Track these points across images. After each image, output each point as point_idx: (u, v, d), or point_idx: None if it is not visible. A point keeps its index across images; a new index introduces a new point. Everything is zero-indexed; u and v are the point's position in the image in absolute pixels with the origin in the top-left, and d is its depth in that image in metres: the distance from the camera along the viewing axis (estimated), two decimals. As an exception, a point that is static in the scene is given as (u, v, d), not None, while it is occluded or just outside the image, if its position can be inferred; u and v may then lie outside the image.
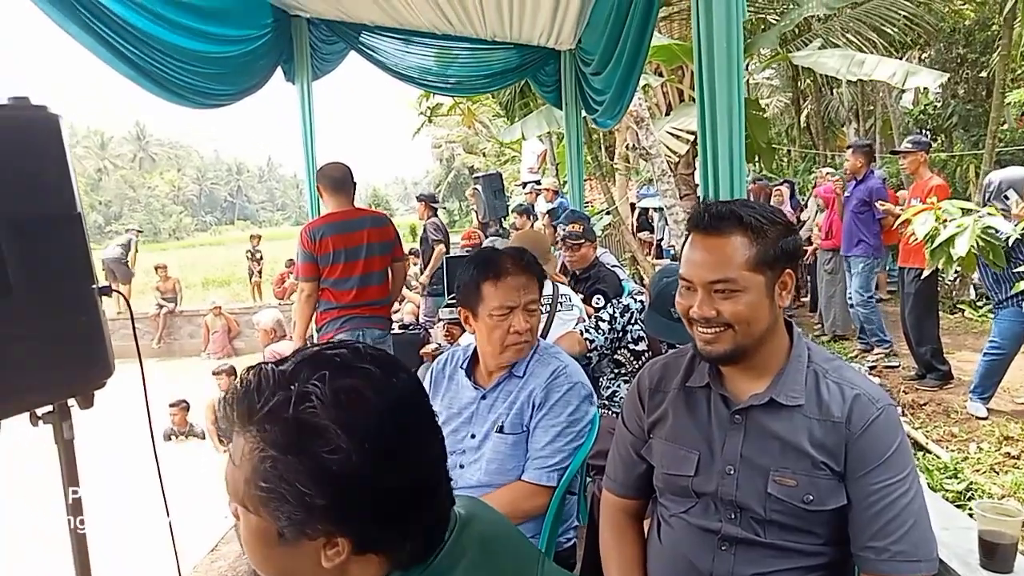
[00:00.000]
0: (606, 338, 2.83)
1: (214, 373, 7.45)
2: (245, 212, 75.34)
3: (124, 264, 13.61)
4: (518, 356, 1.95)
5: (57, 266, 1.82)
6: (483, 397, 1.99)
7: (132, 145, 65.90)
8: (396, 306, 7.56)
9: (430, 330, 4.87)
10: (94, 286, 1.91)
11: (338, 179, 3.81)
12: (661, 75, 8.69)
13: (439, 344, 4.56)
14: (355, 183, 3.84)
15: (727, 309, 1.33)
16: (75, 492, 2.00)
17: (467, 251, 6.20)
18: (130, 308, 2.20)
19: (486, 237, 7.48)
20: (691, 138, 7.82)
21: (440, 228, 7.96)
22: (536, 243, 3.48)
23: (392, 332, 4.23)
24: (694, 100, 7.57)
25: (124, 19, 3.31)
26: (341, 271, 3.73)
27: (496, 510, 1.06)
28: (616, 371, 2.93)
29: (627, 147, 8.63)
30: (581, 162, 6.08)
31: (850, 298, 6.59)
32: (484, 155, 28.63)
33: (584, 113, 5.81)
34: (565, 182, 10.69)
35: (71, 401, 1.96)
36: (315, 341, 4.06)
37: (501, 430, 1.91)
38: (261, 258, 14.32)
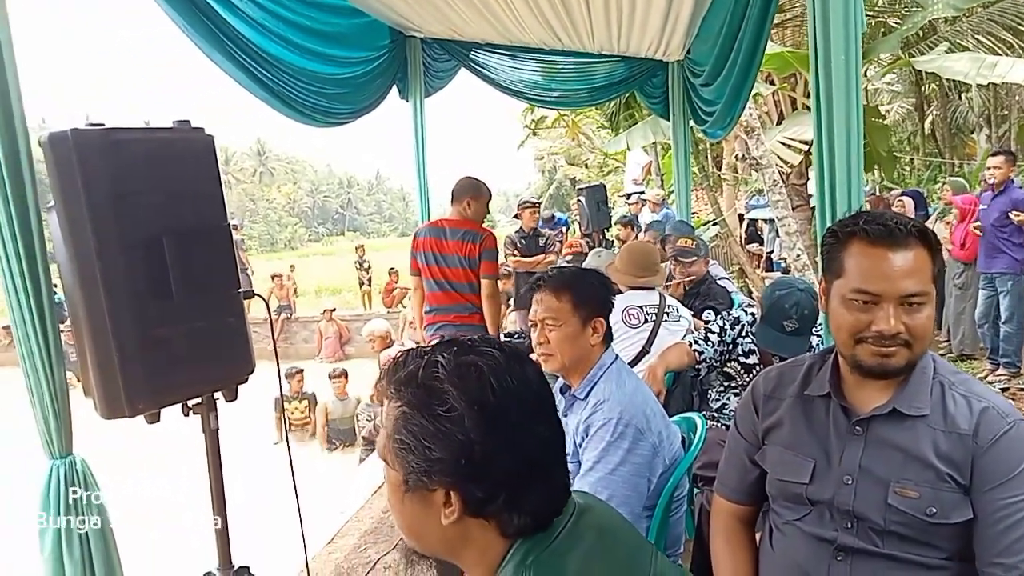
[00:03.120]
0: (715, 350, 2.81)
1: (331, 377, 7.77)
2: (355, 223, 78.41)
3: (246, 272, 14.51)
4: (549, 369, 1.97)
5: (209, 272, 2.01)
6: (564, 415, 1.99)
7: (253, 160, 70.10)
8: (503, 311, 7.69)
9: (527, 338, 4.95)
10: (239, 290, 2.10)
11: (453, 190, 4.02)
12: (772, 83, 8.47)
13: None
14: (469, 197, 3.95)
15: (914, 323, 1.30)
16: (219, 483, 2.19)
17: (568, 260, 6.24)
18: (269, 312, 2.39)
19: (588, 248, 7.50)
20: (804, 148, 7.58)
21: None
22: (644, 255, 3.49)
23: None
24: (807, 108, 7.35)
25: (259, 46, 3.59)
26: (431, 274, 3.98)
27: (610, 504, 1.13)
28: (726, 384, 2.90)
29: (736, 157, 8.45)
30: (688, 173, 6.02)
31: (981, 317, 6.17)
32: (586, 166, 28.57)
33: (692, 124, 5.76)
34: (670, 193, 10.57)
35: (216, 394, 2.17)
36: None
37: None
38: (369, 267, 14.91)
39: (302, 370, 8.42)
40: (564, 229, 12.33)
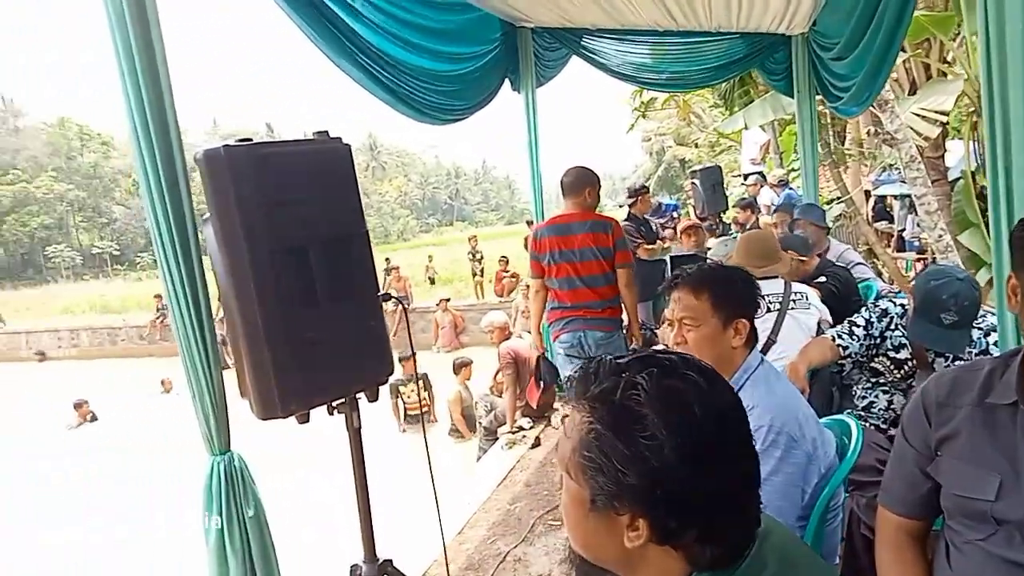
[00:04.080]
0: (861, 344, 2.64)
1: (461, 365, 7.83)
2: (463, 213, 79.78)
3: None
4: None
5: (350, 277, 2.08)
6: None
7: (366, 155, 72.58)
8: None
9: (656, 331, 4.85)
10: (379, 294, 2.15)
11: (565, 184, 3.93)
12: (903, 50, 7.86)
13: (667, 345, 4.52)
14: (589, 187, 3.88)
15: None
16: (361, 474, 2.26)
17: (692, 250, 6.03)
18: (405, 311, 2.45)
19: (706, 233, 7.24)
20: (942, 119, 7.00)
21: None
22: (762, 244, 3.32)
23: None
24: (943, 76, 6.76)
25: (380, 49, 3.66)
26: (559, 271, 3.86)
27: (788, 528, 1.07)
28: (873, 380, 2.72)
29: (868, 132, 7.91)
30: (815, 152, 5.70)
31: None
32: (696, 146, 27.75)
33: (823, 100, 5.44)
34: (790, 171, 10.06)
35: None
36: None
37: None
38: (481, 258, 15.12)
39: (414, 354, 8.60)
40: (674, 215, 12.02)
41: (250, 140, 1.93)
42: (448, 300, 14.10)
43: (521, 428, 5.40)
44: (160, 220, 2.05)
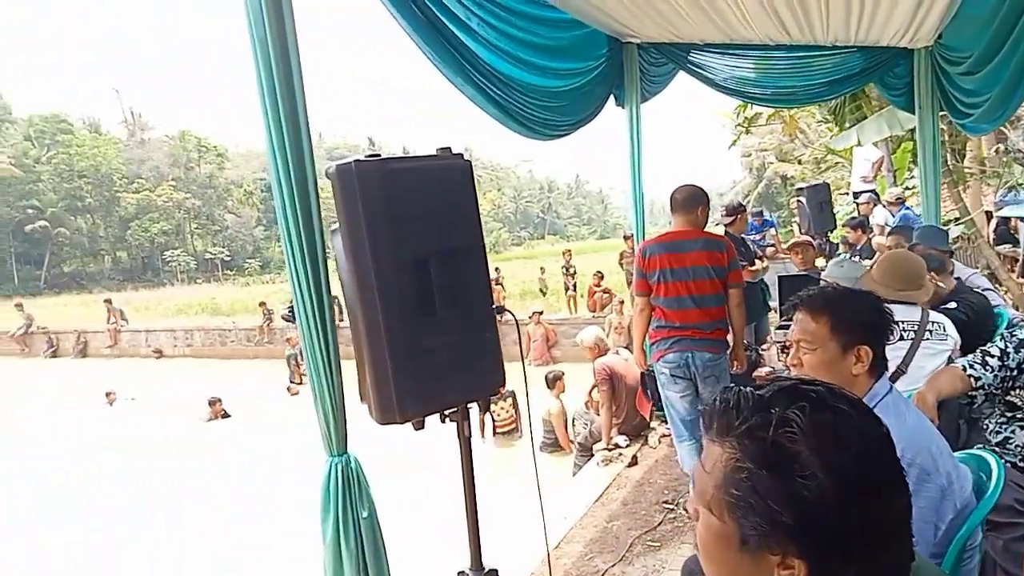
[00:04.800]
0: (996, 376, 2.47)
1: (555, 378, 7.83)
2: (554, 227, 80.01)
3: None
4: None
5: (467, 289, 2.12)
6: None
7: (461, 169, 74.09)
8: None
9: (762, 352, 4.71)
10: (493, 306, 2.19)
11: (678, 200, 3.86)
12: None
13: (773, 368, 4.39)
14: (702, 205, 3.83)
15: None
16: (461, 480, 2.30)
17: (802, 269, 5.81)
18: (516, 322, 2.48)
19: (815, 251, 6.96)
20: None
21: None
22: (909, 266, 3.10)
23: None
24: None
25: (492, 66, 3.75)
26: (668, 290, 3.77)
27: (934, 564, 1.02)
28: (1009, 415, 2.54)
29: (995, 150, 7.44)
30: (938, 171, 5.39)
31: None
32: (799, 163, 26.82)
33: (948, 117, 5.16)
34: (905, 190, 9.56)
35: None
36: (650, 356, 4.20)
37: None
38: (575, 272, 15.10)
39: (524, 369, 8.65)
40: (773, 231, 11.65)
41: (378, 155, 2.01)
42: (541, 313, 14.15)
43: (617, 446, 5.34)
44: (291, 230, 2.17)
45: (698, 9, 4.54)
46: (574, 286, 15.09)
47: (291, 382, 14.11)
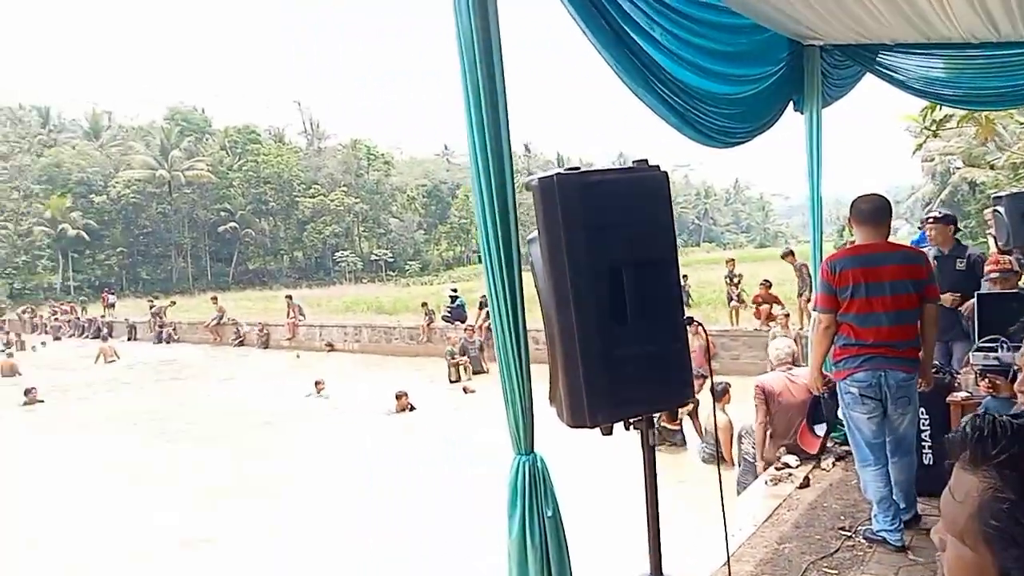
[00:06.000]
0: None
1: (723, 391, 7.66)
2: (710, 235, 77.65)
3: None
4: None
5: (658, 300, 2.15)
6: None
7: (615, 175, 73.66)
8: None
9: (957, 375, 4.32)
10: (684, 318, 2.20)
11: (866, 211, 3.65)
12: None
13: (970, 393, 4.02)
14: (890, 217, 3.61)
15: None
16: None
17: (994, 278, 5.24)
18: (707, 334, 2.47)
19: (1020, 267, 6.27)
20: None
21: None
22: None
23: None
24: None
25: (674, 74, 3.74)
26: (860, 306, 3.55)
27: None
28: None
29: None
30: None
31: None
32: (992, 168, 24.29)
33: None
34: None
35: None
36: (830, 375, 4.00)
37: None
38: (739, 281, 14.57)
39: (712, 377, 8.50)
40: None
41: (578, 168, 2.09)
42: (700, 324, 13.76)
43: (787, 465, 5.11)
44: (490, 237, 2.30)
45: (894, 9, 4.27)
46: (738, 296, 14.54)
47: (450, 380, 14.69)
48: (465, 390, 13.29)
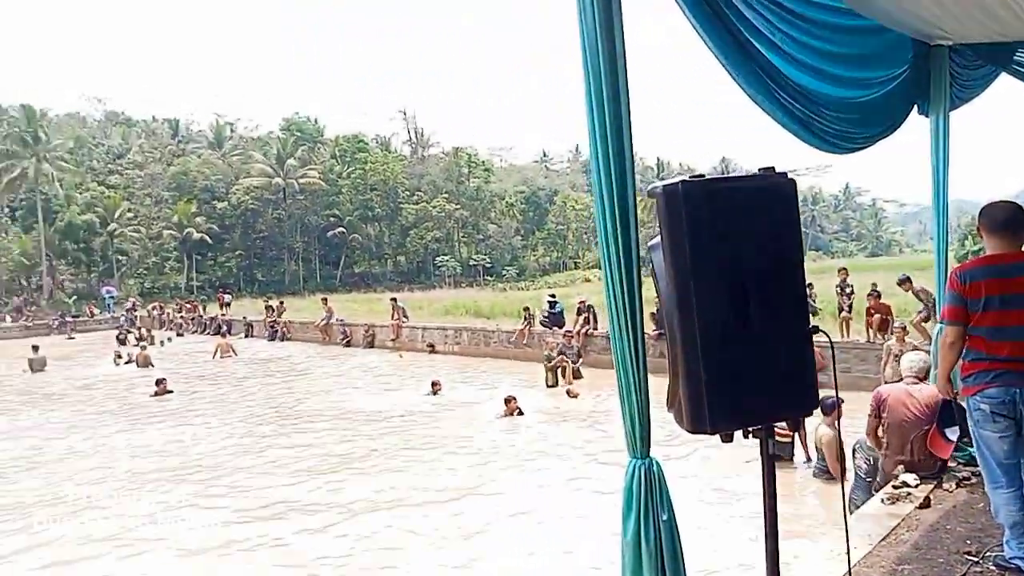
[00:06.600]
0: None
1: (832, 405, 7.37)
2: (817, 242, 74.43)
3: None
4: None
5: (782, 308, 2.14)
6: None
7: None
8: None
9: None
10: (809, 327, 2.18)
11: (999, 220, 3.45)
12: None
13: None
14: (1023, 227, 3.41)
15: None
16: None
17: None
18: (831, 344, 2.45)
19: None
20: None
21: None
22: None
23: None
24: None
25: (794, 80, 3.68)
26: (994, 319, 3.36)
27: None
28: None
29: None
30: None
31: None
32: None
33: None
34: None
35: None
36: (958, 390, 3.81)
37: None
38: (851, 293, 13.91)
39: (837, 390, 8.18)
40: None
41: (703, 176, 2.11)
42: (826, 334, 13.23)
43: (905, 484, 4.88)
44: (610, 242, 2.36)
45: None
46: (849, 307, 13.88)
47: (547, 384, 14.76)
48: (569, 393, 13.30)
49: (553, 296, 20.03)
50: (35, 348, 22.31)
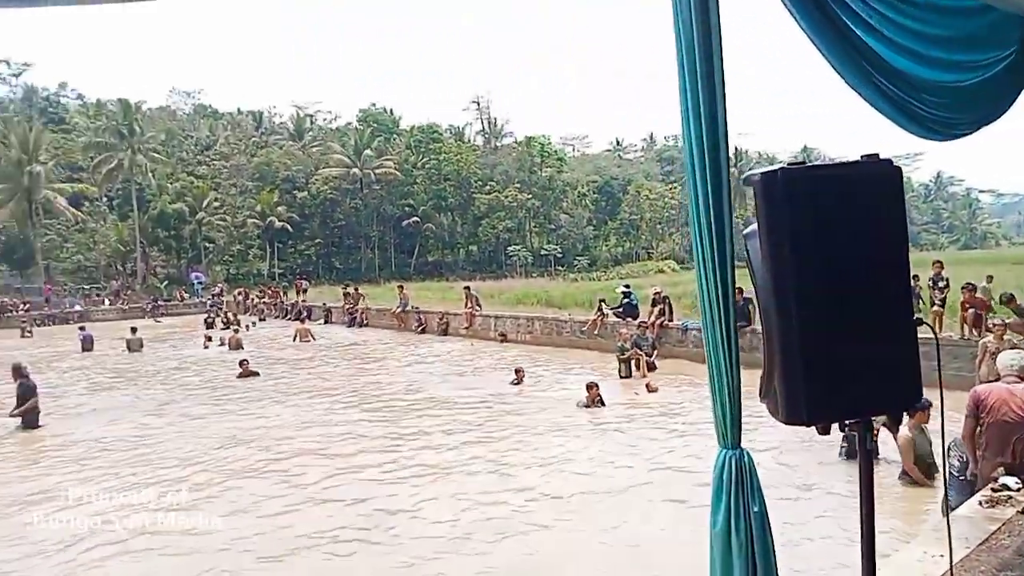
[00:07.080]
0: None
1: (919, 407, 7.10)
2: (905, 234, 71.03)
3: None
4: None
5: (886, 298, 2.08)
6: None
7: (798, 170, 69.47)
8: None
9: None
10: (914, 317, 2.11)
11: None
12: None
13: None
14: None
15: None
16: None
17: None
18: (936, 337, 2.36)
19: None
20: None
21: None
22: None
23: None
24: None
25: (892, 64, 3.54)
26: None
27: None
28: None
29: None
30: None
31: None
32: None
33: None
34: None
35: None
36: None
37: None
38: (946, 286, 13.24)
39: (942, 390, 7.84)
40: None
41: (803, 163, 2.07)
42: (931, 326, 12.67)
43: (1006, 487, 4.65)
44: (703, 231, 2.34)
45: None
46: (942, 301, 13.21)
47: (620, 375, 14.65)
48: (648, 387, 13.17)
49: (627, 287, 19.84)
50: (133, 330, 23.58)
